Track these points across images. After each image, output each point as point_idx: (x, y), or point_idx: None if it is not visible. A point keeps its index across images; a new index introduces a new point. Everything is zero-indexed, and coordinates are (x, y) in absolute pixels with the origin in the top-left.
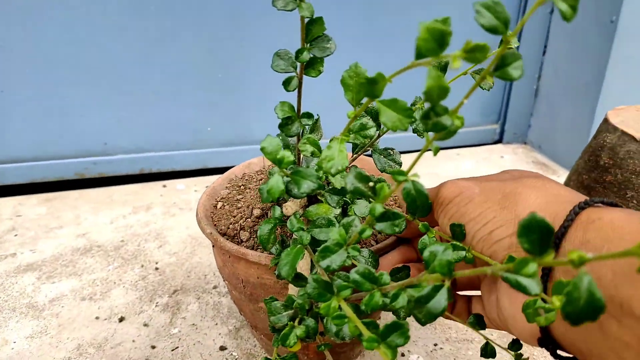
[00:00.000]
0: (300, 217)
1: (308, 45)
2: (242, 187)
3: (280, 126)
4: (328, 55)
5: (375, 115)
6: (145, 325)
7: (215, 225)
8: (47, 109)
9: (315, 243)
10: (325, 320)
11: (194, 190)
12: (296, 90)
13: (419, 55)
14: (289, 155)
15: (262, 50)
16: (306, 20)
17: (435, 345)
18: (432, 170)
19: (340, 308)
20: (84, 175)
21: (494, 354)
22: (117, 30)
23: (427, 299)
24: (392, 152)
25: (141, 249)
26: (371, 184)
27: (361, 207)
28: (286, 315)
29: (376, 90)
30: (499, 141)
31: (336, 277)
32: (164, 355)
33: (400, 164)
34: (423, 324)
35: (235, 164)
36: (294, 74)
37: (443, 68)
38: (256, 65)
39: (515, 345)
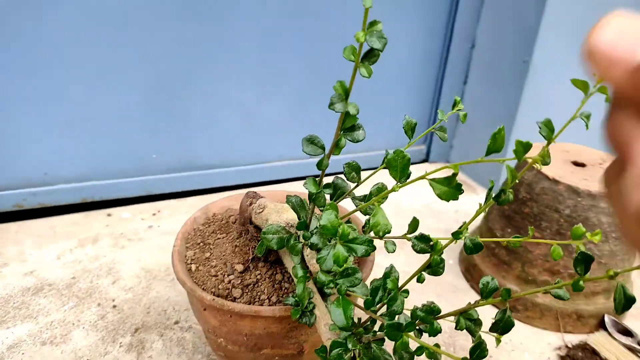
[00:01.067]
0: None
1: (342, 132)
2: (202, 244)
3: (310, 197)
4: (358, 142)
5: None
6: None
7: (203, 289)
8: None
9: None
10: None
11: (141, 218)
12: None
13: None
14: (347, 229)
15: (209, 77)
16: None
17: None
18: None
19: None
20: (23, 206)
21: None
22: (58, 59)
23: None
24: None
25: (95, 286)
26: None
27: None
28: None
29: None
30: (425, 160)
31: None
32: None
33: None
34: None
35: (180, 189)
36: (322, 155)
37: None
38: (202, 92)
39: None
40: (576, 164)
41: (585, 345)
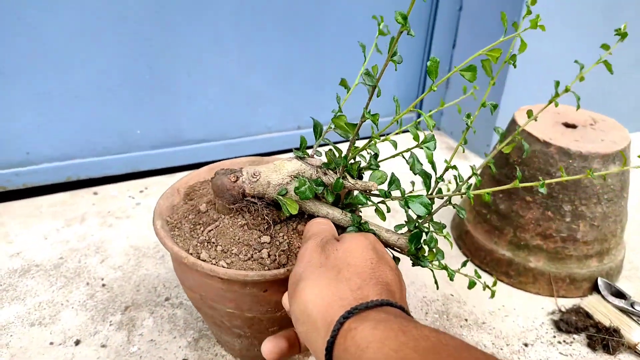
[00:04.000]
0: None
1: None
2: (206, 243)
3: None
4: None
5: None
6: (103, 346)
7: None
8: None
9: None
10: None
11: (128, 196)
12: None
13: None
14: None
15: (190, 48)
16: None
17: None
18: None
19: None
20: (7, 187)
21: None
22: (32, 30)
23: None
24: None
25: (83, 266)
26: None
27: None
28: None
29: None
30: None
31: None
32: None
33: None
34: None
35: (167, 165)
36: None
37: None
38: (184, 64)
39: None
40: (567, 125)
41: (579, 308)
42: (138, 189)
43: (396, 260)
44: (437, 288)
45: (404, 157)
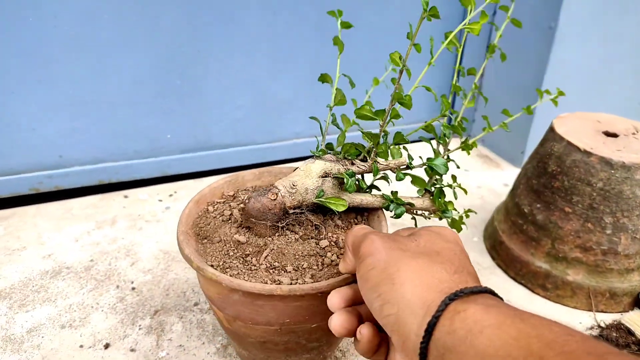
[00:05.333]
0: None
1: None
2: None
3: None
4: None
5: None
6: (132, 350)
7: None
8: None
9: None
10: None
11: (158, 199)
12: None
13: None
14: None
15: (220, 55)
16: None
17: None
18: None
19: None
20: (39, 189)
21: None
22: (68, 38)
23: None
24: None
25: (113, 268)
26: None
27: None
28: None
29: None
30: (444, 135)
31: None
32: None
33: None
34: None
35: (195, 170)
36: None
37: None
38: (214, 71)
39: None
40: (608, 134)
41: (619, 324)
42: (167, 193)
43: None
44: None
45: (425, 165)
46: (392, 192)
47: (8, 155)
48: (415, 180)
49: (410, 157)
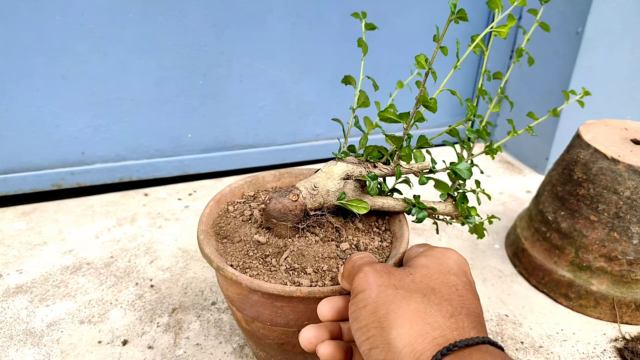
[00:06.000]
0: None
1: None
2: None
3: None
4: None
5: None
6: (150, 347)
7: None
8: (20, 120)
9: None
10: None
11: (177, 198)
12: None
13: None
14: None
15: (243, 56)
16: None
17: None
18: None
19: None
20: (61, 186)
21: None
22: (94, 38)
23: None
24: None
25: (133, 266)
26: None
27: None
28: None
29: None
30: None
31: None
32: None
33: None
34: None
35: (215, 169)
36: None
37: None
38: (237, 71)
39: None
40: (636, 142)
41: None
42: (187, 192)
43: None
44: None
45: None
46: (414, 196)
47: (31, 151)
48: (439, 184)
49: (433, 161)
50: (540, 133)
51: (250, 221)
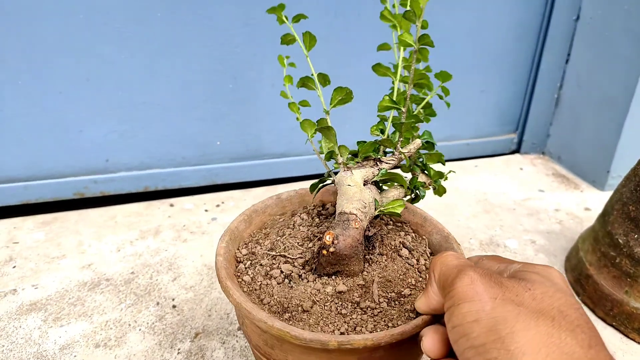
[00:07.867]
0: None
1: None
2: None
3: None
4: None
5: None
6: None
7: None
8: (42, 124)
9: None
10: None
11: (204, 210)
12: None
13: None
14: None
15: (275, 59)
16: None
17: None
18: (452, 184)
19: None
20: (84, 194)
21: None
22: (120, 38)
23: None
24: None
25: (154, 283)
26: None
27: None
28: None
29: None
30: (516, 151)
31: None
32: None
33: None
34: None
35: (244, 179)
36: None
37: None
38: (268, 74)
39: None
40: None
41: None
42: (214, 203)
43: None
44: None
45: None
46: (411, 179)
47: (54, 158)
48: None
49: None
50: (600, 144)
51: (288, 280)
